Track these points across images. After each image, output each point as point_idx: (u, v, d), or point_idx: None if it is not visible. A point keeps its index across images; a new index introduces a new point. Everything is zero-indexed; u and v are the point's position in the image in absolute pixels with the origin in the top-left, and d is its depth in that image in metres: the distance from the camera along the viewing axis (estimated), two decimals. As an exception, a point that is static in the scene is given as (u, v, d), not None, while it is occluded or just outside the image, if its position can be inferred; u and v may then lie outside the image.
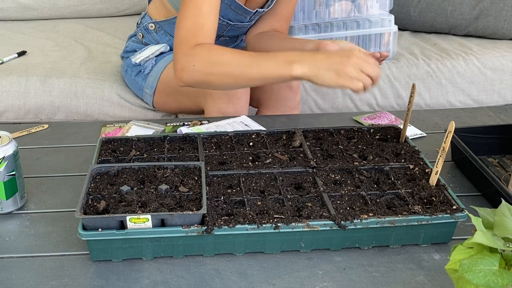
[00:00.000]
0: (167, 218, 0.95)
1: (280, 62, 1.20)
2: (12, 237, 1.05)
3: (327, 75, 1.15)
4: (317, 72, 1.16)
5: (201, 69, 1.25)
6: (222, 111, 1.56)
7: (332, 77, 1.15)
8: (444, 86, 2.07)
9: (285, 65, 1.19)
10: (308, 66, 1.17)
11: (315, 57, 1.18)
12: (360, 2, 2.07)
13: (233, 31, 1.69)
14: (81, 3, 2.55)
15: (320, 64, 1.17)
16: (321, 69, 1.16)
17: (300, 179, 1.11)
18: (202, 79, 1.27)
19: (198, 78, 1.26)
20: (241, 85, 1.27)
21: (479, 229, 0.73)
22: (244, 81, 1.25)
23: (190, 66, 1.26)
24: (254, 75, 1.22)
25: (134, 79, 1.82)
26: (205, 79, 1.26)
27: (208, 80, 1.26)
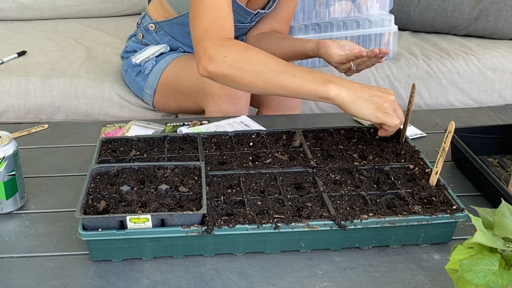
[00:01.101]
0: (167, 218, 0.95)
1: (317, 78, 1.17)
2: (12, 237, 1.05)
3: (365, 105, 1.14)
4: (356, 99, 1.14)
5: (232, 62, 1.21)
6: (223, 111, 1.56)
7: (370, 108, 1.14)
8: (444, 86, 2.07)
9: (323, 83, 1.16)
10: (347, 91, 1.15)
11: (355, 85, 1.16)
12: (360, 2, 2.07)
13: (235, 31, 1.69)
14: (81, 3, 2.55)
15: (360, 93, 1.15)
16: (361, 98, 1.14)
17: (300, 179, 1.11)
18: (230, 73, 1.21)
19: (226, 71, 1.22)
20: (268, 90, 1.22)
21: (479, 229, 0.73)
22: (273, 86, 1.20)
23: (221, 57, 1.21)
24: (287, 83, 1.18)
25: (134, 79, 1.82)
26: (233, 74, 1.21)
27: (235, 75, 1.21)
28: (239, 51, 1.22)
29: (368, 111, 1.14)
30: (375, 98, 1.15)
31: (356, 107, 1.14)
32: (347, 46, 1.45)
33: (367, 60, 1.36)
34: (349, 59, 1.38)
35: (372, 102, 1.14)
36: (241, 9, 1.59)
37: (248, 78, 1.21)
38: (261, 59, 1.21)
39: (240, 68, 1.21)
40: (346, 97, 1.14)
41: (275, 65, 1.20)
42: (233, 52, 1.22)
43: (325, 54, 1.44)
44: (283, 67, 1.20)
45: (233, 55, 1.21)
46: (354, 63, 1.38)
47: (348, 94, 1.14)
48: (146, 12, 1.80)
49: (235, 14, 1.60)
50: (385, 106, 1.15)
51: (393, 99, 1.17)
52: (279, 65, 1.20)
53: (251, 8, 1.62)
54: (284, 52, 1.63)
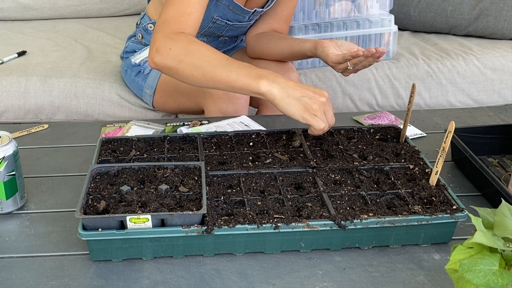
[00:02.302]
0: (167, 218, 0.95)
1: (252, 73, 1.18)
2: (12, 237, 1.05)
3: (294, 105, 1.15)
4: (286, 97, 1.15)
5: (175, 55, 1.24)
6: (222, 111, 1.56)
7: (299, 108, 1.15)
8: (444, 86, 2.07)
9: (256, 78, 1.17)
10: (279, 88, 1.16)
11: (288, 82, 1.17)
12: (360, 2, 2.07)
13: (232, 31, 1.69)
14: (81, 3, 2.55)
15: (291, 91, 1.15)
16: (291, 97, 1.15)
17: (300, 179, 1.11)
18: (172, 65, 1.25)
19: (169, 63, 1.25)
20: (207, 82, 1.24)
21: (479, 229, 0.73)
22: (211, 80, 1.22)
23: (166, 49, 1.25)
24: (223, 77, 1.20)
25: (134, 79, 1.82)
26: (175, 66, 1.24)
27: (177, 68, 1.24)
28: (183, 44, 1.25)
29: (296, 110, 1.15)
30: (305, 98, 1.15)
31: (285, 105, 1.15)
32: (344, 46, 1.45)
33: (364, 59, 1.36)
34: (346, 58, 1.38)
35: (301, 102, 1.15)
36: (238, 8, 1.59)
37: (189, 71, 1.23)
38: (202, 53, 1.23)
39: (182, 61, 1.23)
40: (277, 94, 1.15)
41: (214, 59, 1.22)
42: (177, 45, 1.24)
43: (323, 54, 1.45)
44: (221, 61, 1.22)
45: (177, 48, 1.24)
46: (351, 62, 1.38)
47: (279, 91, 1.15)
48: (145, 13, 1.80)
49: (232, 13, 1.60)
50: (313, 107, 1.14)
51: (323, 101, 1.16)
52: (218, 59, 1.22)
53: (249, 7, 1.62)
54: (283, 52, 1.63)
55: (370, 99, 2.05)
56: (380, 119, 1.49)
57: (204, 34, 1.67)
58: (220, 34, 1.70)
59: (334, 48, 1.44)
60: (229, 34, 1.71)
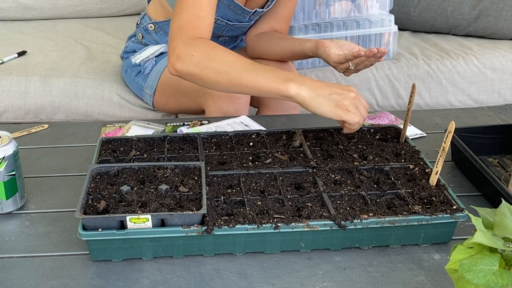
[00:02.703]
0: (167, 218, 0.95)
1: (279, 77, 1.19)
2: (12, 237, 1.05)
3: (325, 103, 1.15)
4: (315, 97, 1.15)
5: (198, 61, 1.23)
6: (223, 110, 1.56)
7: (330, 106, 1.15)
8: (444, 86, 2.07)
9: (284, 81, 1.17)
10: (307, 89, 1.16)
11: (315, 83, 1.17)
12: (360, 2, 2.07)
13: (233, 31, 1.69)
14: (81, 3, 2.55)
15: (320, 91, 1.16)
16: (320, 96, 1.15)
17: (300, 179, 1.11)
18: (196, 72, 1.24)
19: (192, 70, 1.24)
20: (232, 88, 1.24)
21: (479, 229, 0.73)
22: (237, 84, 1.22)
23: (188, 56, 1.24)
24: (250, 81, 1.20)
25: (134, 79, 1.82)
26: (199, 73, 1.24)
27: (201, 74, 1.24)
28: (205, 50, 1.24)
29: (327, 108, 1.15)
30: (335, 95, 1.15)
31: (316, 105, 1.15)
32: (346, 46, 1.45)
33: (365, 59, 1.36)
34: (348, 58, 1.38)
35: (331, 100, 1.15)
36: (238, 8, 1.59)
37: (213, 77, 1.23)
38: (225, 58, 1.23)
39: (206, 67, 1.23)
40: (306, 95, 1.16)
41: (239, 64, 1.22)
42: (199, 51, 1.24)
43: (324, 54, 1.44)
44: (246, 66, 1.22)
45: (200, 54, 1.23)
46: (353, 62, 1.38)
47: (308, 92, 1.15)
48: (145, 13, 1.80)
49: (232, 13, 1.60)
50: (345, 103, 1.15)
51: (353, 96, 1.16)
52: (243, 64, 1.22)
53: (249, 7, 1.62)
54: (283, 52, 1.63)
55: (370, 99, 2.05)
56: (380, 119, 1.49)
57: None
58: (221, 34, 1.70)
59: (335, 48, 1.44)
60: (229, 34, 1.71)
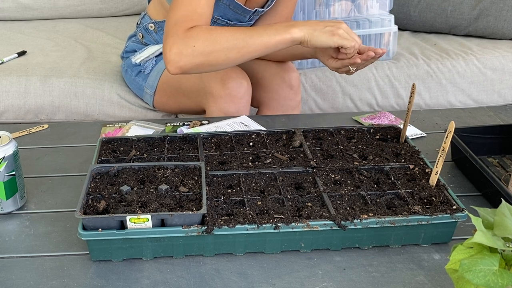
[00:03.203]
0: (167, 218, 0.95)
1: (279, 29, 1.29)
2: (12, 237, 1.05)
3: (322, 35, 1.27)
4: (313, 32, 1.27)
5: (203, 49, 1.24)
6: (224, 110, 1.56)
7: (327, 36, 1.27)
8: (444, 86, 2.07)
9: (285, 30, 1.28)
10: (306, 29, 1.28)
11: (310, 22, 1.31)
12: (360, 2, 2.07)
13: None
14: (81, 3, 2.55)
15: (315, 27, 1.28)
16: (317, 31, 1.28)
17: (300, 179, 1.11)
18: (203, 60, 1.25)
19: (199, 60, 1.25)
20: (243, 57, 1.28)
21: (479, 229, 0.73)
22: (247, 52, 1.28)
23: (190, 48, 1.23)
24: (257, 43, 1.27)
25: (134, 79, 1.82)
26: (207, 60, 1.25)
27: (208, 59, 1.25)
28: (204, 36, 1.26)
29: (325, 38, 1.27)
30: (329, 27, 1.28)
31: (315, 39, 1.28)
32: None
33: (364, 62, 1.36)
34: (345, 64, 1.39)
35: (327, 31, 1.28)
36: (239, 7, 1.59)
37: (223, 55, 1.27)
38: (226, 35, 1.27)
39: (212, 51, 1.25)
40: (307, 34, 1.28)
41: (240, 33, 1.28)
42: (199, 39, 1.25)
43: (322, 59, 1.45)
44: (248, 32, 1.29)
45: (201, 42, 1.25)
46: (352, 66, 1.39)
47: (307, 30, 1.28)
48: (145, 12, 1.80)
49: (232, 12, 1.60)
50: (339, 32, 1.27)
51: (345, 26, 1.29)
52: (244, 32, 1.29)
53: (250, 6, 1.62)
54: (282, 54, 1.64)
55: (370, 99, 2.05)
56: (380, 119, 1.49)
57: None
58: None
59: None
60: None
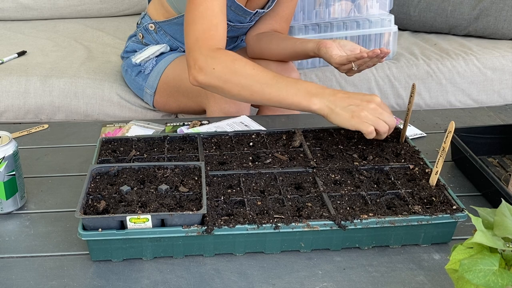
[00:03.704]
0: (167, 218, 0.95)
1: (301, 91, 1.21)
2: (12, 237, 1.05)
3: (342, 115, 1.17)
4: (334, 109, 1.18)
5: (220, 75, 1.25)
6: (224, 110, 1.56)
7: (346, 117, 1.17)
8: (444, 86, 2.07)
9: (305, 96, 1.20)
10: (327, 103, 1.19)
11: (336, 94, 1.20)
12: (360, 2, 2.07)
13: (233, 31, 1.70)
14: (81, 3, 2.55)
15: (338, 103, 1.18)
16: (338, 108, 1.18)
17: (300, 179, 1.11)
18: (218, 85, 1.26)
19: (214, 83, 1.26)
20: (255, 101, 1.27)
21: (479, 229, 0.73)
22: (259, 98, 1.25)
23: (210, 69, 1.26)
24: (273, 96, 1.23)
25: (135, 79, 1.82)
26: (221, 86, 1.26)
27: (223, 87, 1.26)
28: (227, 63, 1.25)
29: (343, 120, 1.17)
30: (352, 106, 1.17)
31: (334, 117, 1.18)
32: (347, 46, 1.45)
33: (368, 60, 1.36)
34: (350, 60, 1.38)
35: (348, 111, 1.17)
36: (240, 9, 1.59)
37: (236, 90, 1.25)
38: (247, 72, 1.24)
39: (228, 80, 1.25)
40: (326, 108, 1.19)
41: (261, 77, 1.24)
42: (221, 64, 1.25)
43: (326, 55, 1.45)
44: (269, 80, 1.23)
45: (221, 68, 1.25)
46: (355, 63, 1.38)
47: (328, 105, 1.19)
48: (146, 12, 1.80)
49: (233, 14, 1.60)
50: (362, 114, 1.16)
51: (373, 107, 1.17)
52: (265, 78, 1.24)
53: (250, 7, 1.62)
54: (284, 53, 1.63)
55: (370, 99, 2.04)
56: (380, 119, 1.49)
57: None
58: None
59: (337, 49, 1.44)
60: (230, 35, 1.71)
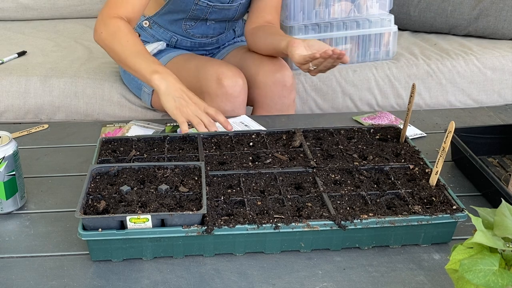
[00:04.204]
0: (167, 218, 0.95)
1: (151, 68, 1.38)
2: (12, 237, 1.05)
3: (170, 101, 1.34)
4: (167, 94, 1.34)
5: (103, 39, 1.46)
6: (220, 109, 1.56)
7: (172, 106, 1.33)
8: (444, 86, 2.07)
9: (152, 73, 1.37)
10: (166, 85, 1.35)
11: (176, 84, 1.36)
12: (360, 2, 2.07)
13: (216, 13, 1.71)
14: (81, 3, 2.55)
15: (173, 91, 1.34)
16: (170, 95, 1.34)
17: (300, 179, 1.11)
18: (102, 46, 1.49)
19: (100, 44, 1.49)
20: (124, 66, 1.46)
21: (479, 229, 0.73)
22: (123, 65, 1.45)
23: (99, 32, 1.47)
24: (130, 65, 1.42)
25: (133, 78, 1.83)
26: (103, 47, 1.49)
27: (105, 50, 1.49)
28: (112, 31, 1.46)
29: (169, 105, 1.34)
30: (181, 99, 1.34)
31: (164, 100, 1.35)
32: (315, 46, 1.47)
33: (323, 60, 1.40)
34: (307, 60, 1.43)
35: (177, 101, 1.34)
36: None
37: (112, 54, 1.48)
38: (122, 42, 1.44)
39: (107, 45, 1.47)
40: (162, 89, 1.35)
41: (129, 49, 1.43)
42: (107, 31, 1.46)
43: (290, 54, 1.50)
44: (133, 52, 1.42)
45: (106, 34, 1.46)
46: (312, 63, 1.41)
47: (165, 88, 1.35)
48: None
49: None
50: (184, 110, 1.33)
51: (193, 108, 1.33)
52: (131, 50, 1.43)
53: None
54: (269, 48, 1.67)
55: (370, 99, 2.05)
56: (380, 119, 1.49)
57: (189, 18, 1.71)
58: (205, 17, 1.72)
59: (303, 48, 1.47)
60: (213, 17, 1.73)
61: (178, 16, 1.70)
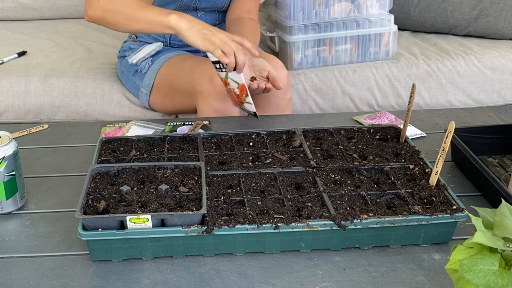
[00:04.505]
0: (167, 218, 0.95)
1: (163, 12, 1.39)
2: (12, 237, 1.05)
3: (196, 34, 1.34)
4: (190, 28, 1.35)
5: (103, 5, 1.44)
6: (214, 108, 1.56)
7: (199, 37, 1.34)
8: (444, 86, 2.07)
9: (166, 15, 1.37)
10: (185, 22, 1.36)
11: (195, 19, 1.38)
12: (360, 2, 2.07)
13: (206, 2, 1.72)
14: (81, 3, 2.55)
15: (195, 24, 1.36)
16: (194, 28, 1.35)
17: (300, 179, 1.11)
18: (101, 15, 1.45)
19: (99, 13, 1.45)
20: (130, 26, 1.44)
21: (479, 229, 0.73)
22: (132, 21, 1.42)
23: (95, 2, 1.45)
24: (140, 17, 1.41)
25: (131, 79, 1.83)
26: (103, 15, 1.45)
27: (105, 16, 1.45)
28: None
29: (196, 38, 1.35)
30: (205, 31, 1.35)
31: (188, 34, 1.36)
32: (258, 67, 1.50)
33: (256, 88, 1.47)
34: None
35: (202, 33, 1.35)
36: None
37: (115, 17, 1.44)
38: (124, 1, 1.44)
39: (108, 9, 1.44)
40: (183, 25, 1.36)
41: (134, 3, 1.43)
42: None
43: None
44: (140, 5, 1.43)
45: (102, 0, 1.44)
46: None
47: (185, 24, 1.36)
48: None
49: None
50: (213, 39, 1.34)
51: (222, 36, 1.35)
52: (137, 4, 1.43)
53: None
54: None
55: (370, 99, 2.05)
56: (380, 119, 1.49)
57: (180, 8, 1.71)
58: (195, 6, 1.73)
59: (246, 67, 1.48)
60: (203, 6, 1.74)
61: (169, 8, 1.69)
